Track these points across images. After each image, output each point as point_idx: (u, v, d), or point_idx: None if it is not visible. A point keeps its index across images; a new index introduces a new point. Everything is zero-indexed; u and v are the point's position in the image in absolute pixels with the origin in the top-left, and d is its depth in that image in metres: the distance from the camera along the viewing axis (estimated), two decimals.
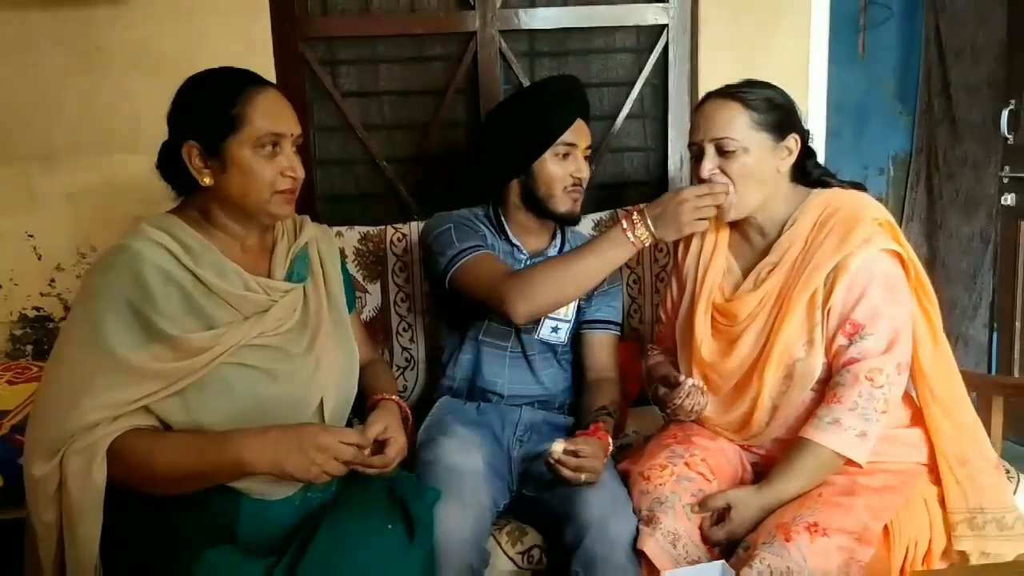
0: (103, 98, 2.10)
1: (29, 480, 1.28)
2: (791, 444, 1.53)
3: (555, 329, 1.83)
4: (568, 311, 1.83)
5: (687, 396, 1.59)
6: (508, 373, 1.82)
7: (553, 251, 1.87)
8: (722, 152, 1.52)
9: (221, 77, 1.39)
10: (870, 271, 1.47)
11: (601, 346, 1.85)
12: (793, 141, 1.55)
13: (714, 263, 1.65)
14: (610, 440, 1.61)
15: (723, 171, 1.53)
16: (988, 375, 2.92)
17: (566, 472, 1.49)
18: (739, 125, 1.51)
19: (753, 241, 1.63)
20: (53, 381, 1.30)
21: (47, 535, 1.29)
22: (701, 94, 2.26)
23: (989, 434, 1.70)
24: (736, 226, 1.63)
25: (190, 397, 1.31)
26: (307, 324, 1.45)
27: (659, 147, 2.40)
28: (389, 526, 1.34)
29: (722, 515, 1.47)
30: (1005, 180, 2.99)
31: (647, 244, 1.55)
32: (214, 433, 1.29)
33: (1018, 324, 2.96)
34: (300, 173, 1.39)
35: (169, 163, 1.38)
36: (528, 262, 1.82)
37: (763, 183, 1.54)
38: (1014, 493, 1.65)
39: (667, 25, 2.31)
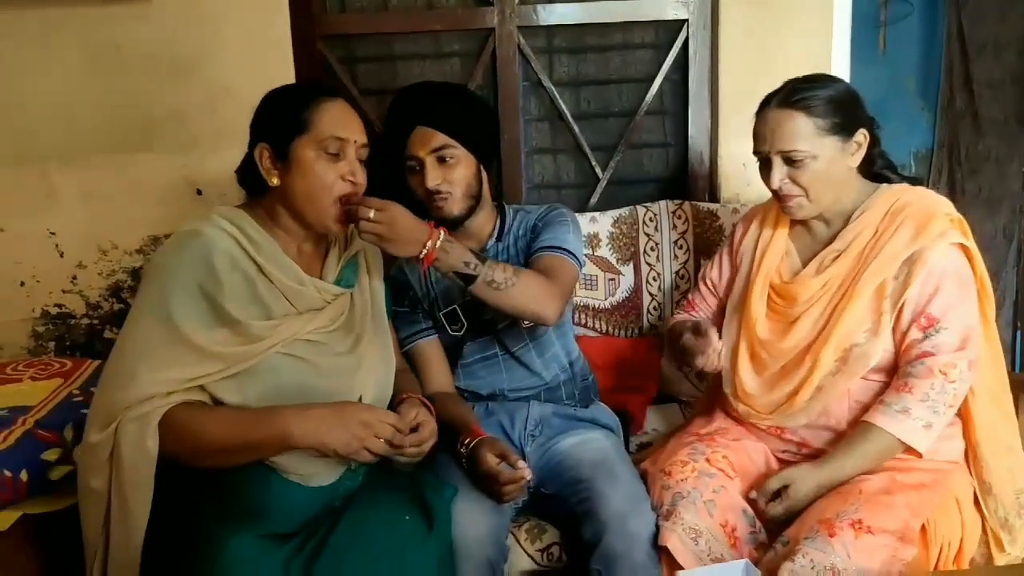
0: (122, 96, 2.10)
1: (84, 446, 1.36)
2: (824, 432, 1.56)
3: None
4: None
5: (714, 355, 1.57)
6: (505, 375, 1.79)
7: (491, 242, 1.79)
8: (790, 162, 1.52)
9: (296, 87, 1.57)
10: (945, 266, 1.49)
11: (539, 262, 1.69)
12: (862, 136, 1.55)
13: (773, 246, 1.67)
14: (438, 235, 1.46)
15: (793, 180, 1.53)
16: (1012, 373, 2.88)
17: None
18: (805, 135, 1.50)
19: (815, 230, 1.63)
20: (118, 353, 1.38)
21: (95, 504, 1.35)
22: (722, 90, 2.28)
23: None
24: None
25: (243, 380, 1.38)
26: (352, 327, 1.52)
27: (679, 143, 2.39)
28: (407, 517, 1.40)
29: (778, 493, 1.49)
30: None
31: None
32: (261, 408, 1.37)
33: None
34: (360, 179, 1.46)
35: (246, 167, 1.48)
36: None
37: (835, 183, 1.55)
38: None
39: (687, 20, 2.29)
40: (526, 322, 1.73)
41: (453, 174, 1.67)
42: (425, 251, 1.44)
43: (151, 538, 1.35)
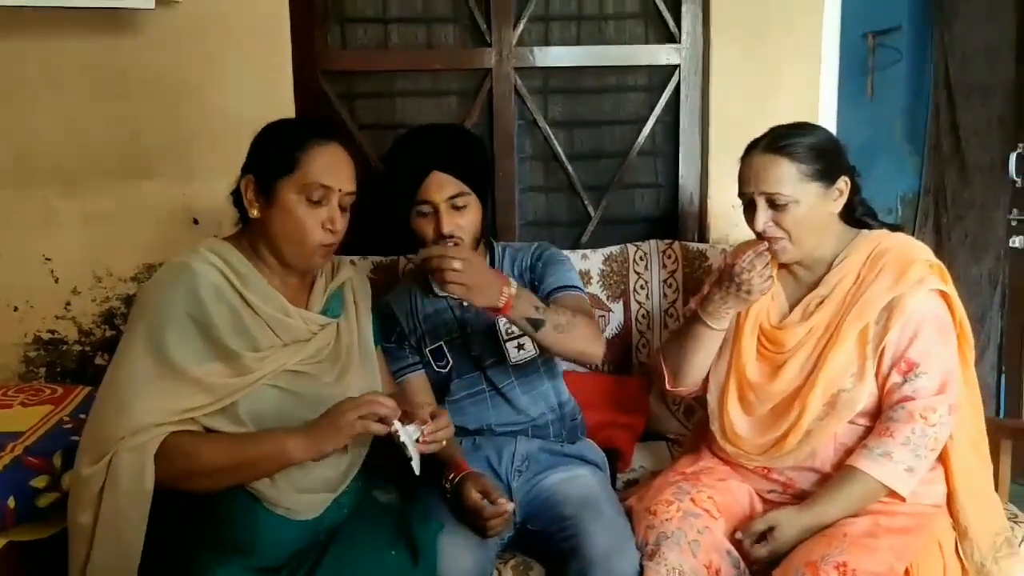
0: (124, 124, 2.13)
1: (75, 480, 1.35)
2: (810, 473, 1.58)
3: (520, 347, 1.78)
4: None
5: (754, 264, 1.55)
6: (492, 411, 1.80)
7: None
8: (774, 205, 1.55)
9: (294, 124, 1.54)
10: (924, 312, 1.53)
11: (565, 303, 1.72)
12: (844, 183, 1.59)
13: None
14: (511, 282, 1.50)
15: (777, 223, 1.56)
16: (996, 418, 2.91)
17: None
18: (788, 180, 1.54)
19: (799, 275, 1.66)
20: (110, 385, 1.37)
21: (82, 540, 1.34)
22: (712, 133, 2.32)
23: (997, 477, 1.73)
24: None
25: (230, 413, 1.38)
26: (339, 357, 1.53)
27: (670, 184, 2.43)
28: (393, 552, 1.40)
29: (763, 535, 1.50)
30: (1013, 223, 2.99)
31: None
32: (256, 431, 1.38)
33: None
34: (339, 227, 1.46)
35: (237, 193, 1.49)
36: (465, 303, 1.72)
37: (817, 227, 1.59)
38: (1023, 537, 1.67)
39: (679, 65, 2.35)
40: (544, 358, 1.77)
41: (465, 219, 1.68)
42: (504, 299, 1.47)
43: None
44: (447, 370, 1.79)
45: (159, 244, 2.17)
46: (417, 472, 1.38)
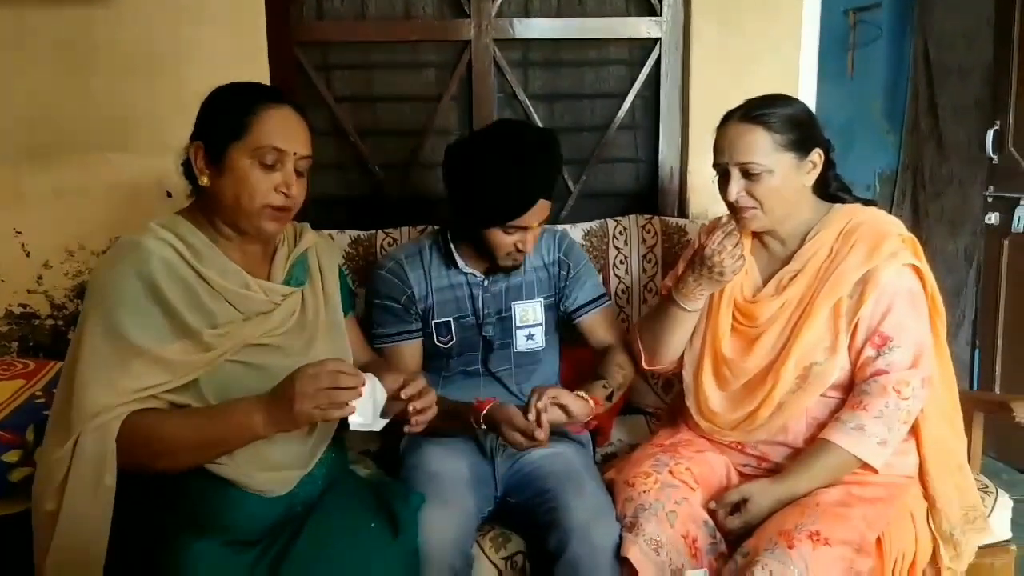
0: (95, 97, 2.09)
1: (41, 465, 1.33)
2: (783, 448, 1.59)
3: (530, 336, 1.81)
4: (536, 315, 1.81)
5: (724, 246, 1.57)
6: (483, 390, 1.80)
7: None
8: (747, 175, 1.55)
9: (244, 88, 1.46)
10: (896, 286, 1.53)
11: (595, 324, 1.86)
12: (817, 155, 1.59)
13: None
14: (587, 399, 1.63)
15: (749, 193, 1.56)
16: (969, 391, 2.95)
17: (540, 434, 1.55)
18: (762, 149, 1.54)
19: (772, 249, 1.67)
20: (68, 370, 1.34)
21: (46, 525, 1.31)
22: (692, 107, 2.32)
23: (969, 450, 1.76)
24: (756, 233, 1.67)
25: (193, 391, 1.35)
26: (305, 326, 1.49)
27: (650, 158, 2.43)
28: (372, 524, 1.39)
29: (737, 507, 1.51)
30: (989, 199, 3.03)
31: None
32: (218, 404, 1.35)
33: (1000, 341, 3.00)
34: (295, 192, 1.41)
35: (188, 163, 1.43)
36: (485, 283, 1.78)
37: (789, 199, 1.59)
38: (992, 508, 1.71)
39: (659, 39, 2.33)
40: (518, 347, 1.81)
41: (538, 233, 1.73)
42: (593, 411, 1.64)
43: (108, 552, 1.32)
44: (448, 346, 1.78)
45: (131, 218, 2.12)
46: (377, 428, 1.36)
